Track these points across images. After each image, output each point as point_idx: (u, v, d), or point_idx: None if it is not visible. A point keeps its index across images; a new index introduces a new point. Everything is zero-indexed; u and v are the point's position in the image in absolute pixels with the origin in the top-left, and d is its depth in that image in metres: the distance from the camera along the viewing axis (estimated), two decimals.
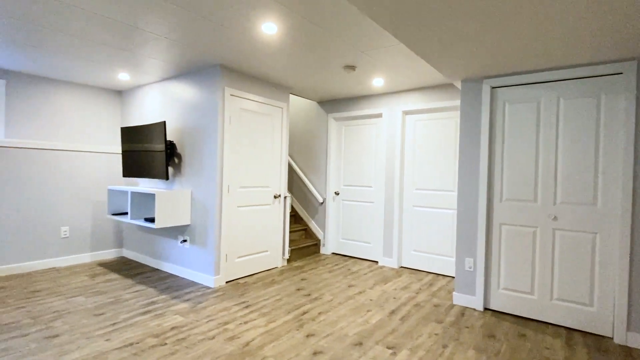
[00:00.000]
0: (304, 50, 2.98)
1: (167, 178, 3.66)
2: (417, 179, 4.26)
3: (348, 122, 4.87)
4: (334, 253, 5.00)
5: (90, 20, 2.47)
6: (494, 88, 3.05)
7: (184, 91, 3.80)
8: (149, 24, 2.53)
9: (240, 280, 3.71)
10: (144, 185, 4.36)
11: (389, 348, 2.35)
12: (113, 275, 3.80)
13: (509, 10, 1.84)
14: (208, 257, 3.55)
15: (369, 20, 2.39)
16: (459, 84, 3.24)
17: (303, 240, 4.95)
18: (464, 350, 2.35)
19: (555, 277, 2.79)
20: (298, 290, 3.45)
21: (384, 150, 4.45)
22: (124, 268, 4.09)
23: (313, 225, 5.12)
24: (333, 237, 4.99)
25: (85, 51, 3.12)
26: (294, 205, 5.33)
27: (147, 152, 3.84)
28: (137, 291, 3.32)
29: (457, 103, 3.88)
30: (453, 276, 4.01)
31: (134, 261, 4.40)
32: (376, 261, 4.60)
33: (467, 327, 2.70)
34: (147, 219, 3.63)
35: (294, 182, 5.34)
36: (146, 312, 2.84)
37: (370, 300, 3.23)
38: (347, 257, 4.80)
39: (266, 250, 4.11)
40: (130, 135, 4.07)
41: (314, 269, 4.21)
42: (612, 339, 2.57)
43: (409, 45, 2.36)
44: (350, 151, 4.85)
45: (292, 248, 4.58)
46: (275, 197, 4.19)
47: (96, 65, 3.53)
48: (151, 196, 3.92)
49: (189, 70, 3.66)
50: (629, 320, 2.50)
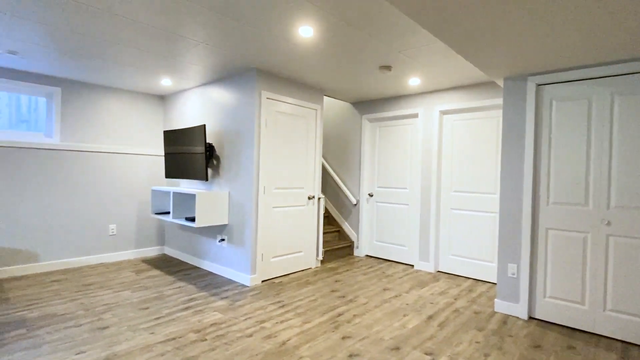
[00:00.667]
0: (339, 51, 2.99)
1: (207, 179, 3.79)
2: (456, 181, 4.13)
3: (382, 123, 4.82)
4: (367, 255, 4.96)
5: (138, 29, 2.62)
6: (539, 85, 2.89)
7: (222, 95, 3.93)
8: (191, 32, 2.64)
9: (276, 280, 3.76)
10: (184, 186, 4.54)
11: (427, 354, 2.29)
12: (156, 272, 3.98)
13: (559, 2, 1.74)
14: (244, 256, 3.64)
15: (405, 20, 2.35)
16: (501, 82, 3.11)
17: (336, 242, 4.94)
18: None
19: (609, 287, 2.60)
20: (332, 291, 3.45)
21: (419, 151, 4.35)
22: (166, 265, 4.28)
23: (346, 226, 5.11)
24: (367, 239, 4.95)
25: (132, 59, 3.30)
26: (327, 207, 5.34)
27: (188, 154, 4.00)
28: (178, 287, 3.46)
29: (499, 102, 3.73)
30: (494, 282, 3.84)
31: (175, 258, 4.59)
32: (412, 265, 4.51)
33: (511, 336, 2.58)
34: (188, 218, 3.78)
35: (327, 184, 5.36)
36: (187, 308, 2.95)
37: (407, 304, 3.16)
38: (382, 260, 4.74)
39: (300, 251, 4.15)
40: (172, 138, 4.26)
41: (347, 270, 4.20)
42: None
43: (451, 45, 2.30)
44: (384, 152, 4.79)
45: (326, 249, 4.59)
46: (309, 198, 4.22)
47: (142, 72, 3.73)
48: (192, 196, 4.07)
49: (226, 74, 3.78)
50: None
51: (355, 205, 5.00)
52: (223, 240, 3.89)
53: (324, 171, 5.37)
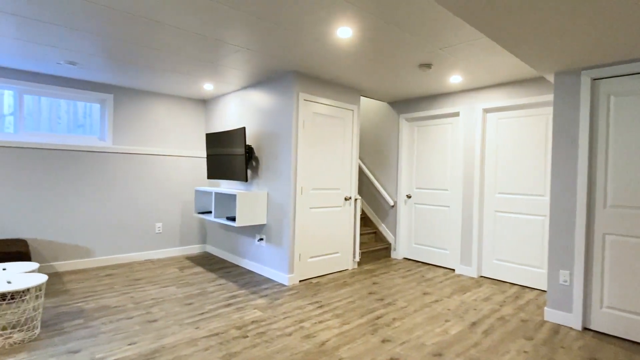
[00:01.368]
0: (377, 51, 2.95)
1: (246, 180, 3.89)
2: (500, 182, 3.94)
3: (421, 123, 4.70)
4: (405, 258, 4.86)
5: (182, 37, 2.74)
6: (595, 80, 2.70)
7: (261, 98, 4.02)
8: (232, 37, 2.72)
9: (313, 280, 3.78)
10: (224, 186, 4.69)
11: None
12: (198, 269, 4.14)
13: None
14: (282, 256, 3.69)
15: (446, 16, 2.28)
16: (551, 77, 2.93)
17: (373, 244, 4.89)
18: None
19: None
20: (370, 294, 3.41)
21: (461, 151, 4.20)
22: (208, 262, 4.44)
23: (383, 228, 5.04)
24: (405, 242, 4.85)
25: (176, 66, 3.46)
26: (364, 208, 5.29)
27: (229, 156, 4.13)
28: (220, 285, 3.58)
29: (548, 98, 3.52)
30: (543, 289, 3.63)
31: (216, 256, 4.75)
32: (452, 269, 4.36)
33: (563, 347, 2.42)
34: (229, 218, 3.90)
35: (363, 185, 5.31)
36: (229, 305, 3.04)
37: (448, 309, 3.06)
38: (420, 263, 4.63)
39: (337, 252, 4.14)
40: (213, 140, 4.42)
41: (385, 273, 4.13)
42: None
43: (498, 41, 2.20)
44: (423, 153, 4.67)
45: (362, 251, 4.55)
46: (345, 199, 4.21)
47: (185, 78, 3.90)
48: (232, 197, 4.20)
49: (265, 78, 3.86)
50: None
51: (393, 206, 4.92)
52: (262, 239, 3.97)
53: (360, 172, 5.33)
